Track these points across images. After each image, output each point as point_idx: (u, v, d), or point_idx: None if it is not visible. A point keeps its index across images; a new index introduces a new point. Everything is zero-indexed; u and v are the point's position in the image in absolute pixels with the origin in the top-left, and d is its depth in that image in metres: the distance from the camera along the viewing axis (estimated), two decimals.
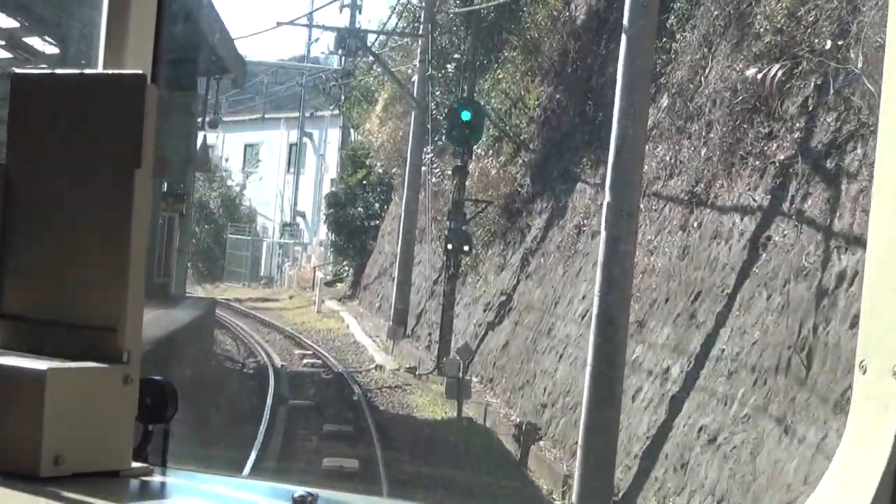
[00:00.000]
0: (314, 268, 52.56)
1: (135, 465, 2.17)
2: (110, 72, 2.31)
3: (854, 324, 11.02)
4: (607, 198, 14.78)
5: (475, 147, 28.40)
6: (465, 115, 26.76)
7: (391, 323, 32.30)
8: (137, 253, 2.15)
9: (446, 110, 29.39)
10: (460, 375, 19.71)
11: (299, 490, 2.03)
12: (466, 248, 26.73)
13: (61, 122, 2.23)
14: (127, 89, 2.16)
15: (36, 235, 2.25)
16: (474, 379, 24.78)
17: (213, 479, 2.26)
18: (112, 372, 2.12)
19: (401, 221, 35.42)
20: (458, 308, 28.77)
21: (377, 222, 47.62)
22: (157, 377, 2.25)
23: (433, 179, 36.44)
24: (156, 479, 2.18)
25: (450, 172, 33.39)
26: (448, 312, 27.57)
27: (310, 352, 30.48)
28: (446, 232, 27.92)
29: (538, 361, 21.64)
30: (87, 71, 2.30)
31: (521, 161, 28.85)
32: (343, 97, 52.08)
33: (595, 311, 14.79)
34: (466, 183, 27.73)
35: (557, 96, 27.86)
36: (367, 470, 16.41)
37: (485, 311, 26.95)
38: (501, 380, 23.58)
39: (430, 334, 30.40)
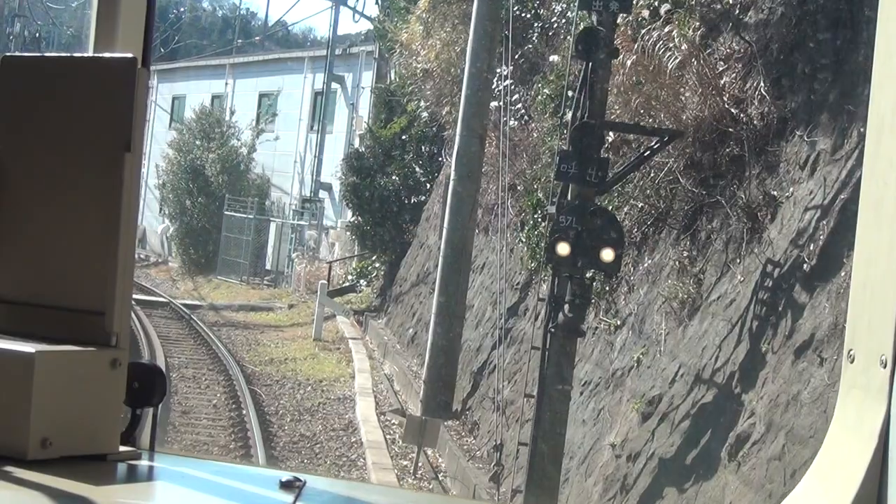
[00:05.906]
0: (329, 263, 36.12)
1: (122, 448, 2.13)
2: (101, 55, 2.30)
3: None
4: None
5: (630, 13, 11.61)
6: None
7: (419, 405, 15.75)
8: (127, 237, 2.12)
9: None
10: None
11: (286, 475, 2.01)
12: (609, 254, 10.04)
13: (51, 105, 2.20)
14: (117, 73, 2.14)
15: (25, 218, 2.22)
16: None
17: (201, 463, 2.24)
18: (100, 355, 2.09)
19: (448, 193, 18.97)
20: (576, 385, 12.28)
21: (421, 198, 31.16)
22: (145, 360, 2.27)
23: (512, 121, 20.21)
24: (143, 463, 2.16)
25: (546, 92, 17.12)
26: (549, 401, 11.12)
27: None
28: (550, 210, 11.26)
29: None
30: (77, 54, 2.28)
31: (731, 53, 12.24)
32: (379, 8, 35.62)
33: None
34: (608, 89, 10.98)
35: None
36: None
37: (646, 418, 10.46)
38: None
39: (495, 444, 13.78)
